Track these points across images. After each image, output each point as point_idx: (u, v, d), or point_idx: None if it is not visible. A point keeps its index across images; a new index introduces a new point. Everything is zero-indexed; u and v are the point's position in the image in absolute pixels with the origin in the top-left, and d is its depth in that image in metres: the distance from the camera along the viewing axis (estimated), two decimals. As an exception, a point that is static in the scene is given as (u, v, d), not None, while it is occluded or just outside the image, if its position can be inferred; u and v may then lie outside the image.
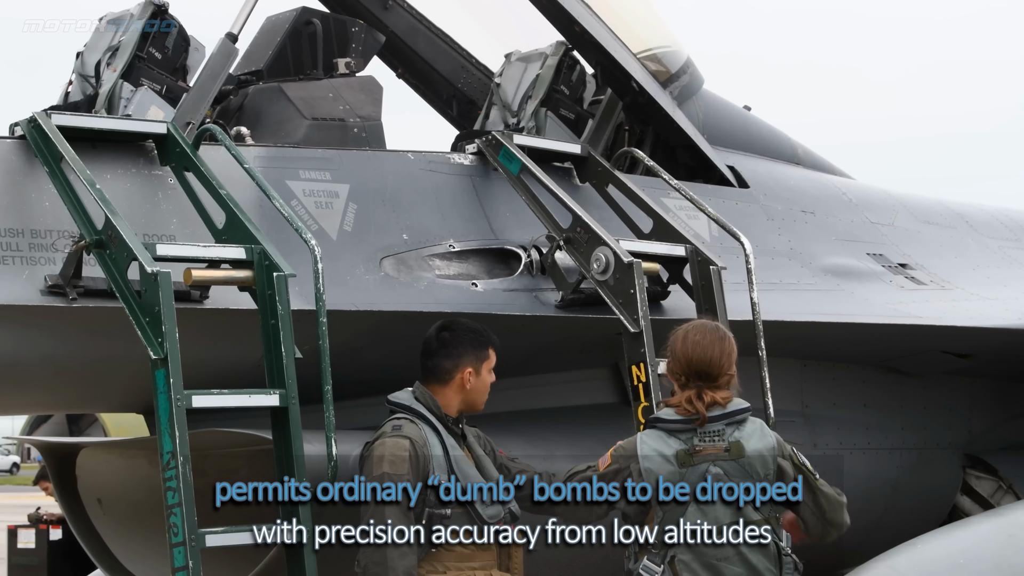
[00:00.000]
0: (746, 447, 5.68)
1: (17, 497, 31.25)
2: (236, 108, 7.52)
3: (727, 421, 5.69)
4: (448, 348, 6.18)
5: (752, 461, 5.68)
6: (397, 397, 6.21)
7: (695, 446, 5.65)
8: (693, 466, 5.63)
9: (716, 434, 5.66)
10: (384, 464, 5.88)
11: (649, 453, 5.68)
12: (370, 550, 5.80)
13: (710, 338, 5.78)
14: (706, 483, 5.60)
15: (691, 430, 5.64)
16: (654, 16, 8.57)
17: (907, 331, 8.23)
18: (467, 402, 6.20)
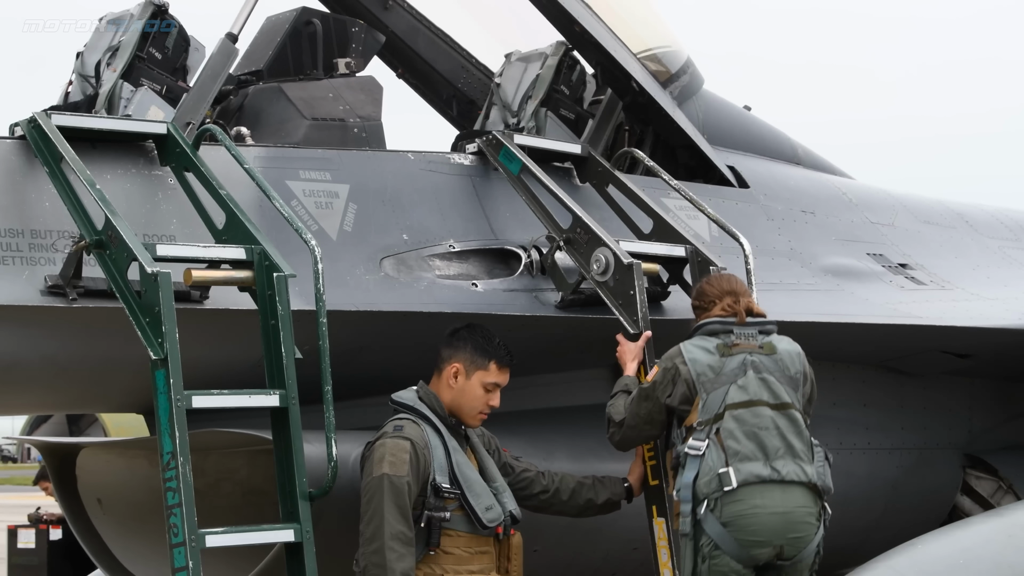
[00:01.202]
0: (777, 347, 6.33)
1: (17, 497, 31.25)
2: (236, 108, 7.52)
3: (759, 328, 6.37)
4: (452, 339, 6.26)
5: (783, 358, 6.31)
6: (400, 397, 6.21)
7: (732, 341, 6.30)
8: (732, 356, 6.26)
9: (750, 336, 6.33)
10: (384, 464, 5.88)
11: (692, 350, 6.29)
12: (369, 551, 5.80)
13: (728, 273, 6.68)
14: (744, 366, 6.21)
15: (728, 331, 6.31)
16: (654, 16, 8.57)
17: (907, 331, 8.23)
18: (455, 406, 6.21)
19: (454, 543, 5.99)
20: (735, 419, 6.13)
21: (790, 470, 6.11)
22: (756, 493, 6.05)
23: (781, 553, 6.10)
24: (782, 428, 6.17)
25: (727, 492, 6.03)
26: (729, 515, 6.03)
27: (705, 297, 6.53)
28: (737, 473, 6.04)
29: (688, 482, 6.09)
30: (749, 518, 6.03)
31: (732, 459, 6.06)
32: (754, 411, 6.15)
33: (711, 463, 6.07)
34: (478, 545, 6.04)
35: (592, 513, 6.61)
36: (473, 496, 6.01)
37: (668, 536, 6.50)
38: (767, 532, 6.05)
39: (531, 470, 6.53)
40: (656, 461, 6.56)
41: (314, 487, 5.80)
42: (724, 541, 6.04)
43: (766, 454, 6.10)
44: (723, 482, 6.03)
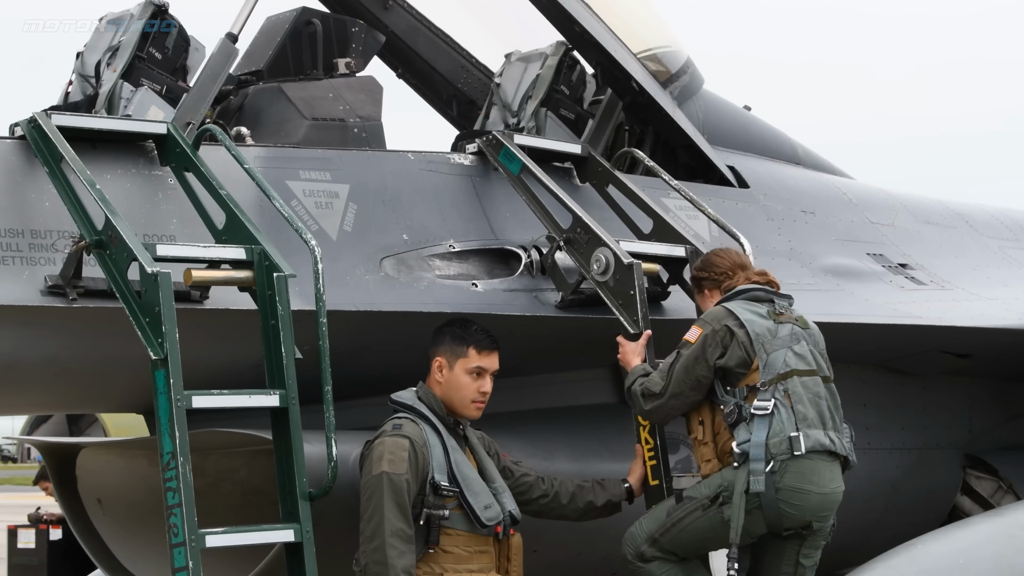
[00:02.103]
0: (808, 322, 6.46)
1: (17, 497, 31.25)
2: (236, 108, 7.52)
3: (788, 301, 6.51)
4: (434, 336, 6.30)
5: (814, 333, 6.45)
6: (400, 396, 6.22)
7: (778, 310, 6.40)
8: (782, 323, 6.35)
9: (786, 307, 6.46)
10: (383, 463, 5.88)
11: (744, 312, 6.32)
12: (370, 548, 5.80)
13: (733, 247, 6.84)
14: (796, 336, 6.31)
15: (769, 300, 6.43)
16: (654, 16, 8.57)
17: (907, 331, 8.22)
18: (447, 400, 6.21)
19: (453, 542, 5.99)
20: (802, 384, 6.24)
21: (838, 443, 6.28)
22: (814, 469, 6.18)
23: (809, 526, 6.25)
24: (829, 402, 6.34)
25: (795, 456, 6.12)
26: (787, 484, 6.13)
27: (715, 268, 6.60)
28: (806, 439, 6.15)
29: (761, 441, 6.13)
30: (801, 495, 6.16)
31: (801, 424, 6.17)
32: (814, 380, 6.30)
33: (781, 424, 6.15)
34: (477, 544, 6.04)
35: (593, 516, 6.60)
36: (472, 495, 6.01)
37: (668, 536, 6.49)
38: (808, 510, 6.20)
39: (530, 475, 6.52)
40: (656, 461, 6.56)
41: (314, 487, 5.80)
42: (770, 505, 6.14)
43: (824, 423, 6.25)
44: (793, 445, 6.13)
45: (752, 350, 6.23)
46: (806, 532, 6.27)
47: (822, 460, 6.20)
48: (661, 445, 6.56)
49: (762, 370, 6.20)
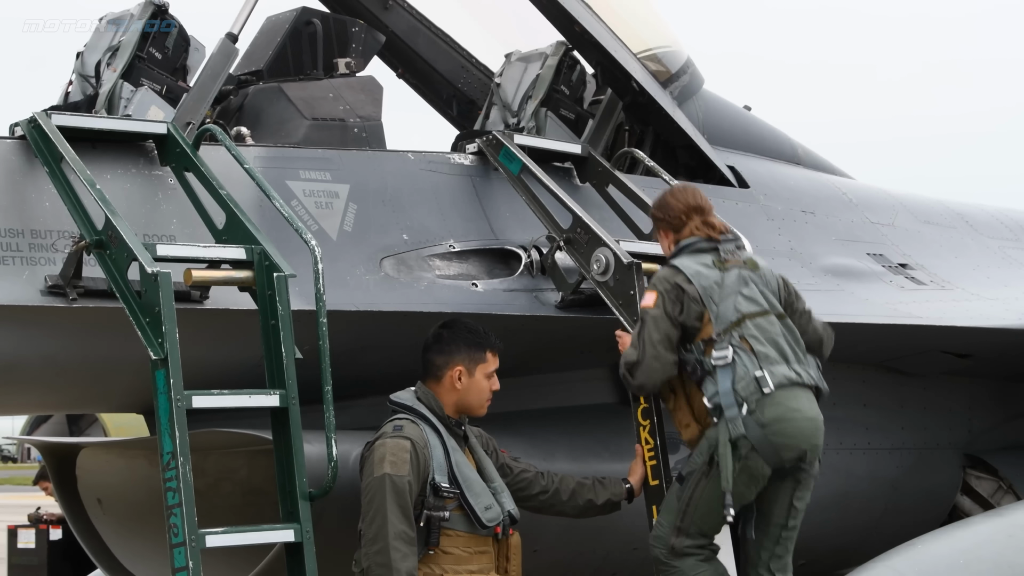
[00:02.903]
0: (758, 262, 6.51)
1: (17, 497, 31.25)
2: (236, 108, 7.52)
3: (735, 244, 6.53)
4: (442, 344, 6.25)
5: (764, 272, 6.48)
6: (399, 397, 6.22)
7: (724, 257, 6.43)
8: (728, 271, 6.39)
9: (733, 252, 6.48)
10: (385, 464, 5.88)
11: (690, 266, 6.38)
12: (372, 551, 5.80)
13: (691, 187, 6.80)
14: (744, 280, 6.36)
15: (713, 249, 6.44)
16: (654, 16, 8.57)
17: (907, 331, 8.22)
18: (461, 404, 6.22)
19: (453, 543, 5.99)
20: (755, 326, 6.28)
21: (804, 374, 6.32)
22: (791, 397, 6.22)
23: (804, 457, 6.28)
24: (787, 337, 6.37)
25: (766, 395, 6.16)
26: (770, 417, 6.15)
27: (670, 211, 6.61)
28: (772, 376, 6.19)
29: (728, 388, 6.17)
30: (788, 422, 6.18)
31: (764, 363, 6.21)
32: (768, 319, 6.33)
33: (744, 368, 6.19)
34: (477, 545, 6.04)
35: (592, 514, 6.60)
36: (472, 496, 6.01)
37: (668, 536, 6.49)
38: (800, 436, 6.22)
39: (530, 470, 6.53)
40: (656, 461, 6.56)
41: (314, 487, 5.79)
42: (761, 443, 6.16)
43: (786, 358, 6.29)
44: (760, 385, 6.17)
45: (702, 303, 6.28)
46: (804, 465, 6.29)
47: (796, 390, 6.24)
48: (661, 445, 6.56)
49: (714, 322, 6.26)
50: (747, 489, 6.24)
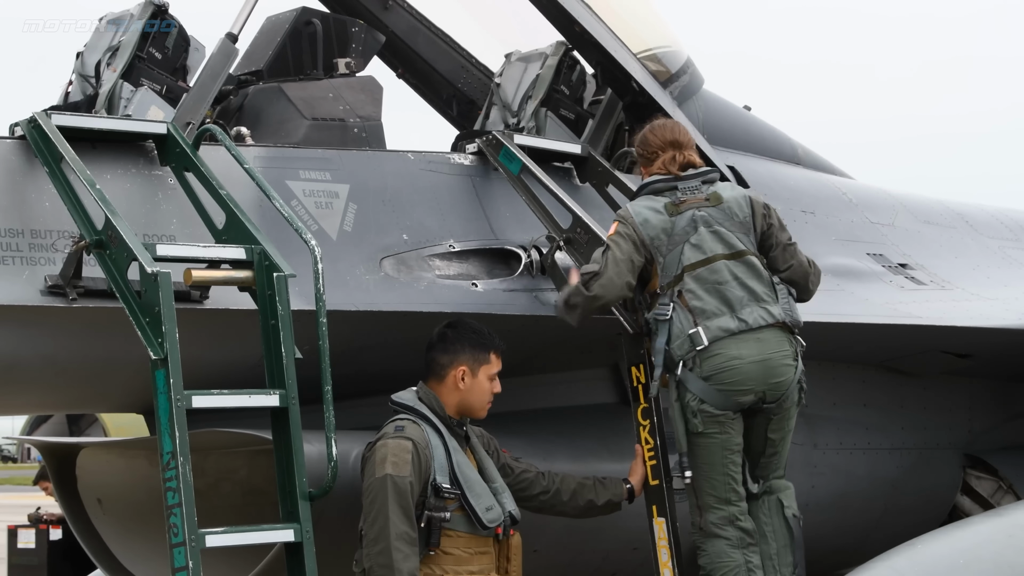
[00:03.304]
0: (723, 195, 6.49)
1: (17, 497, 31.25)
2: (236, 108, 7.52)
3: (702, 179, 6.54)
4: (446, 344, 6.25)
5: (730, 204, 6.47)
6: (400, 397, 6.21)
7: (679, 199, 6.47)
8: (680, 214, 6.43)
9: (695, 189, 6.51)
10: (387, 465, 5.88)
11: (641, 211, 6.45)
12: (374, 552, 5.80)
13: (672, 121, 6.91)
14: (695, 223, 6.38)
15: (673, 187, 6.50)
16: (654, 16, 8.56)
17: (907, 331, 8.22)
18: (463, 405, 6.22)
19: (454, 543, 5.99)
20: (695, 279, 6.34)
21: (756, 316, 6.33)
22: (731, 345, 6.28)
23: (764, 398, 6.33)
24: (741, 276, 6.38)
25: (700, 350, 6.25)
26: (709, 369, 6.25)
27: (648, 146, 6.71)
28: (707, 331, 6.26)
29: (660, 347, 6.32)
30: (729, 371, 6.26)
31: (699, 318, 6.28)
32: (711, 268, 6.36)
33: (680, 325, 6.29)
34: (478, 546, 6.04)
35: (594, 514, 6.61)
36: (473, 496, 6.01)
37: (668, 536, 6.50)
38: (748, 380, 6.29)
39: (531, 471, 6.53)
40: (656, 461, 6.57)
41: (314, 487, 5.79)
42: (708, 394, 6.26)
43: (731, 306, 6.32)
44: (694, 342, 6.26)
45: (649, 252, 6.39)
46: (768, 406, 6.35)
47: (739, 338, 6.27)
48: (661, 445, 6.56)
49: (660, 275, 6.37)
50: (725, 434, 6.32)
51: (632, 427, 6.67)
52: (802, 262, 6.64)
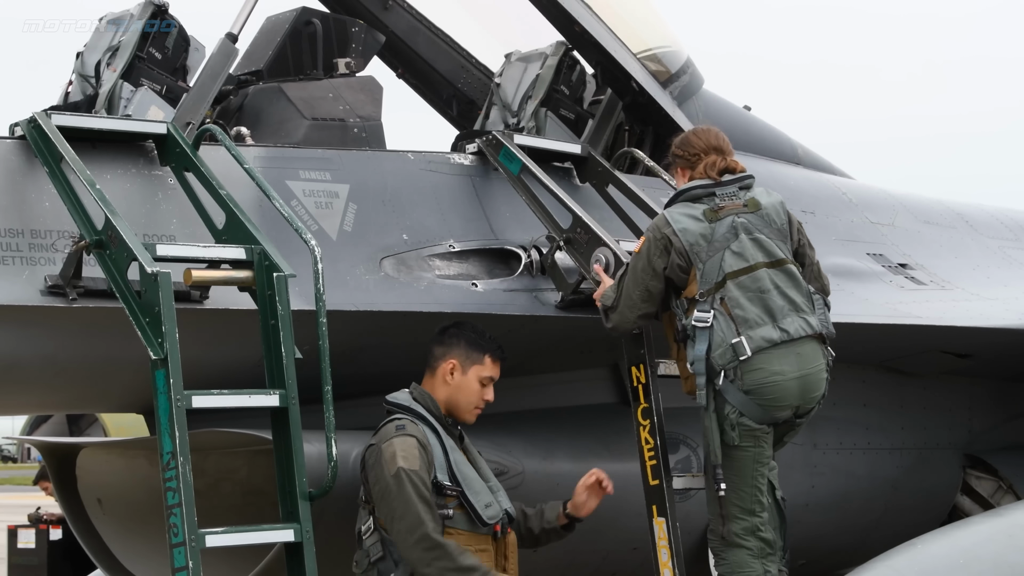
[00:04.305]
0: (761, 202, 6.42)
1: (17, 497, 31.25)
2: (236, 108, 7.52)
3: (739, 184, 6.45)
4: (444, 337, 6.29)
5: (768, 212, 6.40)
6: (395, 398, 6.22)
7: (718, 205, 6.36)
8: (720, 220, 6.33)
9: (733, 195, 6.41)
10: (398, 460, 5.87)
11: (679, 219, 6.33)
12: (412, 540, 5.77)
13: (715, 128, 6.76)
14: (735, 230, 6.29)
15: (711, 194, 6.39)
16: (654, 16, 8.56)
17: (907, 331, 8.22)
18: (451, 403, 6.21)
19: (455, 541, 5.96)
20: (738, 286, 6.24)
21: (797, 327, 6.27)
22: (773, 359, 6.20)
23: (798, 411, 6.32)
24: (781, 285, 6.31)
25: (743, 361, 6.17)
26: (751, 383, 6.18)
27: (690, 148, 6.62)
28: (750, 341, 6.17)
29: (701, 355, 6.20)
30: (771, 387, 6.20)
31: (742, 327, 6.19)
32: (753, 276, 6.28)
33: (722, 334, 6.20)
34: (477, 543, 6.04)
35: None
36: (472, 494, 6.01)
37: (668, 536, 6.50)
38: (788, 396, 6.25)
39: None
40: (656, 461, 6.56)
41: (314, 487, 5.79)
42: (747, 407, 6.20)
43: (772, 316, 6.24)
44: (737, 352, 6.17)
45: (688, 260, 6.29)
46: (799, 418, 6.37)
47: (782, 349, 6.22)
48: (661, 445, 6.56)
49: (699, 280, 6.26)
50: (758, 448, 6.30)
51: (632, 427, 6.66)
52: (825, 286, 6.61)
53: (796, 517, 7.94)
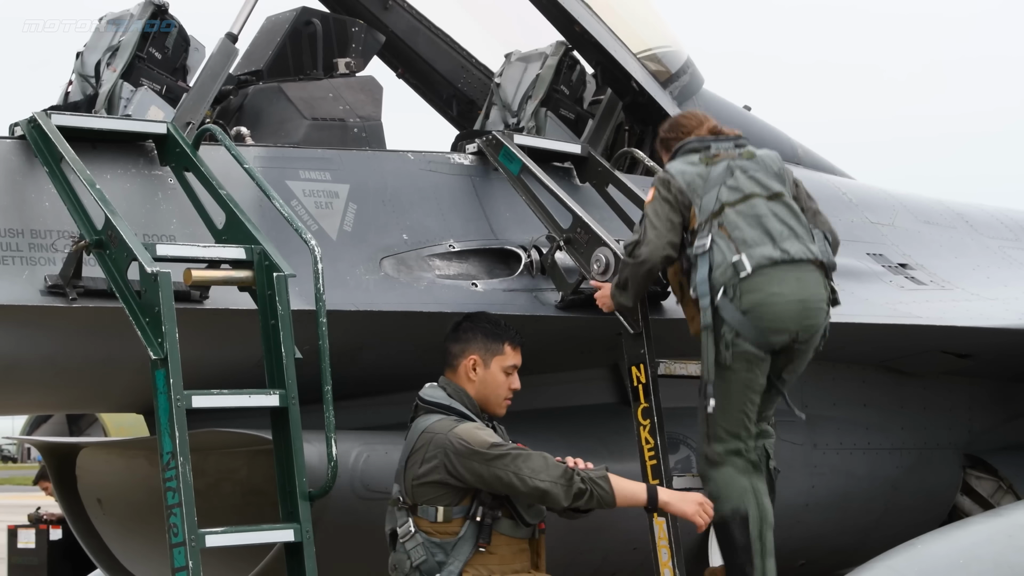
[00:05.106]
0: (756, 152, 6.62)
1: (17, 497, 31.26)
2: (236, 108, 7.52)
3: (735, 143, 6.64)
4: (459, 333, 6.10)
5: (763, 159, 6.58)
6: (433, 396, 5.99)
7: (712, 153, 6.57)
8: (715, 164, 6.52)
9: (727, 148, 6.61)
10: (484, 435, 5.76)
11: (676, 165, 6.57)
12: (557, 473, 5.72)
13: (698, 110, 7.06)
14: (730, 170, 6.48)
15: (707, 147, 6.60)
16: (654, 16, 8.57)
17: (907, 331, 8.22)
18: (480, 399, 6.04)
19: (499, 541, 5.80)
20: (735, 212, 6.37)
21: (797, 249, 6.34)
22: (773, 279, 6.27)
23: (796, 338, 6.35)
24: (779, 214, 6.41)
25: (743, 279, 6.24)
26: (749, 303, 6.24)
27: (681, 128, 6.83)
28: (750, 258, 6.26)
29: (703, 277, 6.29)
30: (768, 307, 6.25)
31: (741, 247, 6.29)
32: (750, 203, 6.40)
33: (722, 255, 6.30)
34: (519, 544, 5.88)
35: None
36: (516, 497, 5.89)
37: (668, 536, 6.49)
38: (786, 319, 6.28)
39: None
40: (656, 461, 6.56)
41: (314, 487, 5.79)
42: (744, 328, 6.24)
43: (772, 237, 6.33)
44: (737, 269, 6.25)
45: (687, 196, 6.42)
46: (798, 346, 6.38)
47: (782, 270, 6.28)
48: (661, 445, 6.56)
49: (698, 213, 6.38)
50: (750, 373, 6.32)
51: (632, 427, 6.66)
52: (831, 229, 6.70)
53: (796, 517, 7.96)
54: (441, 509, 5.76)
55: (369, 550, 6.68)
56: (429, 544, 5.76)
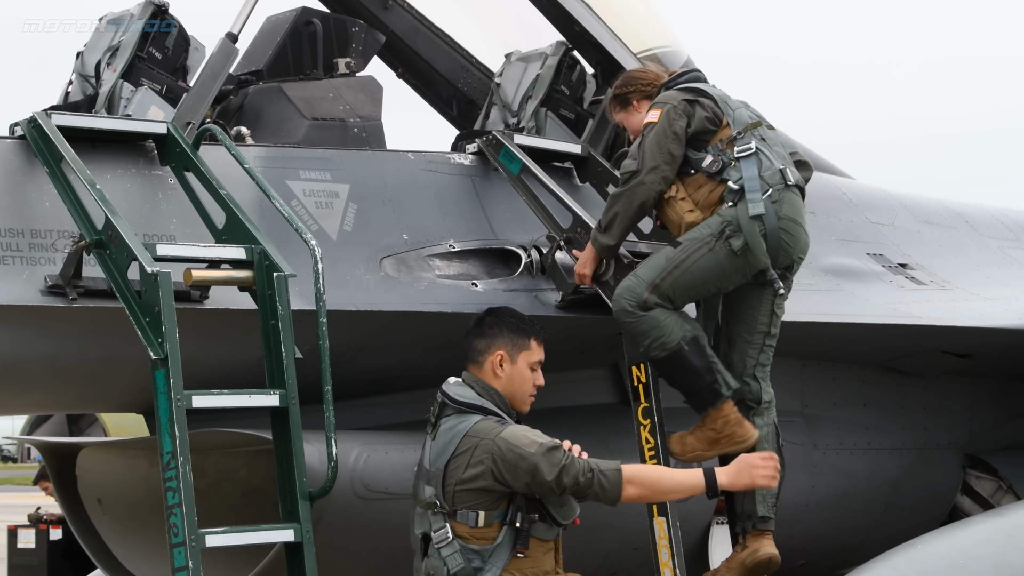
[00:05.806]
0: None
1: (17, 497, 31.26)
2: (236, 108, 7.52)
3: None
4: (483, 328, 5.96)
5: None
6: (463, 396, 5.78)
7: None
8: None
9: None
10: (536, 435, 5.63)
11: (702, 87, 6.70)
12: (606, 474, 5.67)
13: None
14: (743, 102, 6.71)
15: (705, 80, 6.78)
16: (654, 16, 8.57)
17: (907, 331, 8.23)
18: (506, 394, 5.88)
19: (532, 544, 5.64)
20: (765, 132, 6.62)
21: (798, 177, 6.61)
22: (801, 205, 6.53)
23: (790, 266, 6.58)
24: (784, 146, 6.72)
25: (788, 187, 6.45)
26: (785, 214, 6.45)
27: (640, 80, 7.01)
28: (792, 173, 6.51)
29: (754, 174, 6.43)
30: (796, 228, 6.50)
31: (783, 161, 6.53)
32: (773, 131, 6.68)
33: (769, 160, 6.50)
34: (547, 545, 5.76)
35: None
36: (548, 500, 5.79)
37: (668, 536, 6.49)
38: (798, 246, 6.53)
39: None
40: (656, 461, 6.56)
41: (314, 487, 5.79)
42: (772, 233, 6.42)
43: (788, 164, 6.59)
44: (784, 177, 6.46)
45: (720, 110, 6.56)
46: (789, 274, 6.56)
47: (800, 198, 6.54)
48: (661, 445, 6.56)
49: (732, 124, 6.53)
50: (736, 275, 6.43)
51: (632, 427, 6.66)
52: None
53: (796, 517, 7.97)
54: (482, 514, 5.59)
55: (369, 550, 6.70)
56: (466, 551, 5.60)
